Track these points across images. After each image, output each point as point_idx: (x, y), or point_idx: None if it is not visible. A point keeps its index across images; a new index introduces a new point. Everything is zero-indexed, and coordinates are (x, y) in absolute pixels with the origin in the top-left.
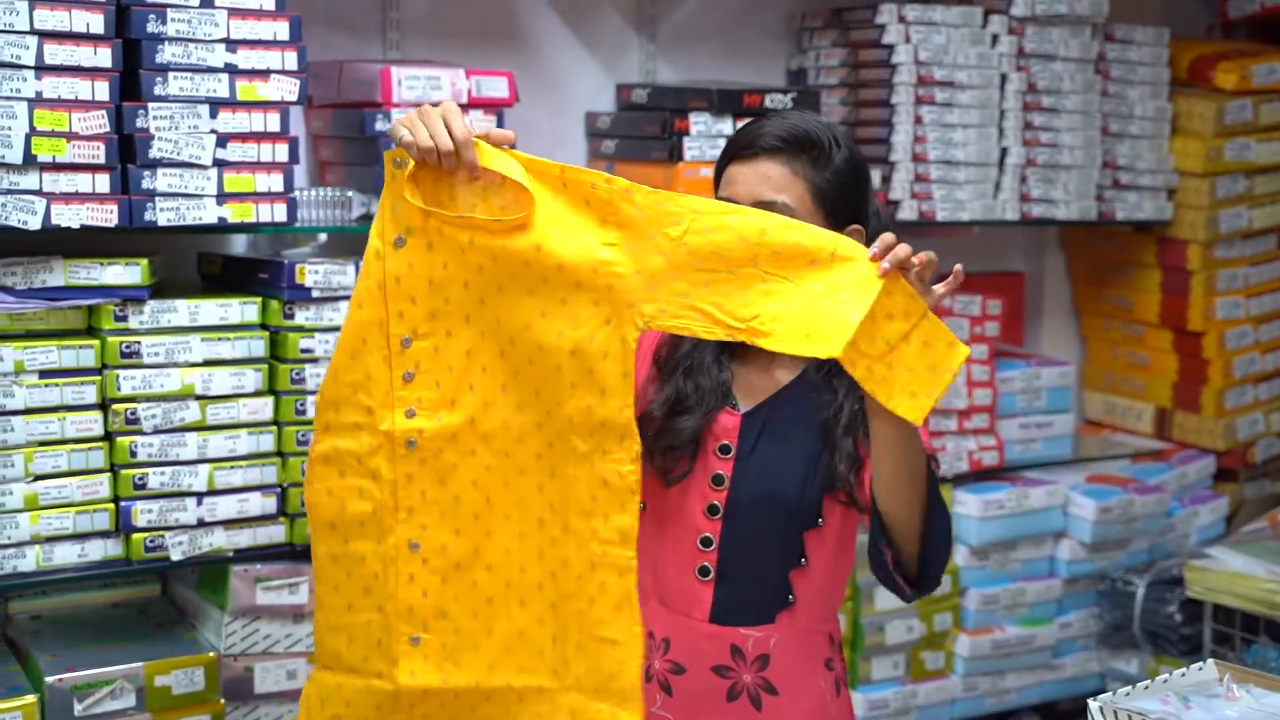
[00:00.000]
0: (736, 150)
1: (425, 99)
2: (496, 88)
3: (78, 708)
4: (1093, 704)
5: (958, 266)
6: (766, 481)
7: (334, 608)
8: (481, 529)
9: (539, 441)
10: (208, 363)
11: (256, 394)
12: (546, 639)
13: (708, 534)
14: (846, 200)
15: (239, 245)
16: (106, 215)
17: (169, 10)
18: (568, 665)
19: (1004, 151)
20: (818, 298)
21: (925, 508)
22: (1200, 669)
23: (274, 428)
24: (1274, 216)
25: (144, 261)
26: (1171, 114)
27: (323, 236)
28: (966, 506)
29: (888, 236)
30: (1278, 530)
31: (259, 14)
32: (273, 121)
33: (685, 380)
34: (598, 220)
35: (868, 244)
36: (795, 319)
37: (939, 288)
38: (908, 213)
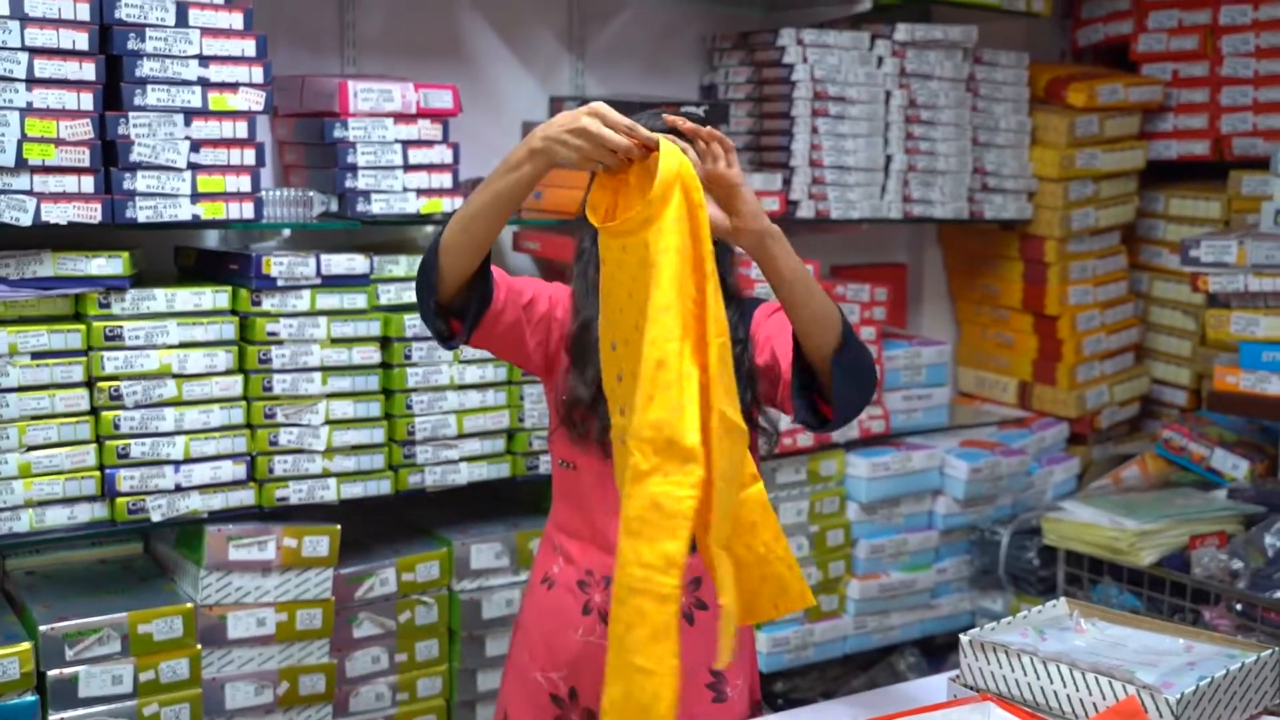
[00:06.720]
0: None
1: (378, 110)
2: (442, 99)
3: (69, 653)
4: (963, 638)
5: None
6: None
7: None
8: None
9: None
10: (183, 345)
11: (228, 373)
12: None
13: None
14: None
15: (211, 239)
16: (91, 213)
17: (147, 29)
18: (605, 689)
19: (889, 158)
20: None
21: (839, 345)
22: (1054, 606)
23: (243, 403)
24: (1117, 216)
25: (125, 254)
26: (1031, 127)
27: (287, 232)
28: (857, 468)
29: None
30: (1120, 487)
31: (228, 33)
32: (241, 129)
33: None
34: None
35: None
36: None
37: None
38: (805, 211)
